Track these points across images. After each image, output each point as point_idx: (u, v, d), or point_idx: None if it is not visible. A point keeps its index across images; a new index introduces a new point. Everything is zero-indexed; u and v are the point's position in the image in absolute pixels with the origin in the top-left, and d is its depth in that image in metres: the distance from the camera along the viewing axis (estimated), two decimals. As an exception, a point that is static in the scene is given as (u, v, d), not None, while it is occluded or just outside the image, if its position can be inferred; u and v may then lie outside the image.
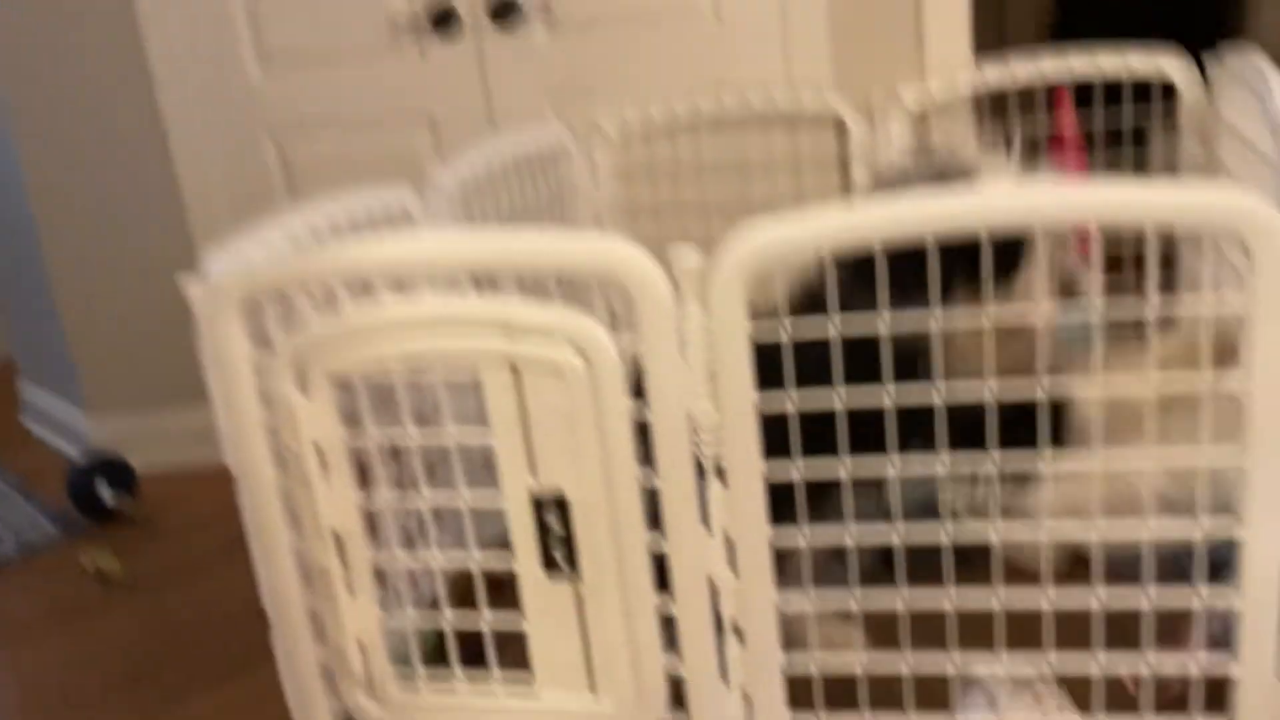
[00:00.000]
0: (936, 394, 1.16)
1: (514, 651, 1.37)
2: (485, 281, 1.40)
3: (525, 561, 1.33)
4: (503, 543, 1.33)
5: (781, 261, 1.19)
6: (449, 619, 1.40)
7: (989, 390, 1.12)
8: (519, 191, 2.19)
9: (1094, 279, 1.26)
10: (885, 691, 1.31)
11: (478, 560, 1.37)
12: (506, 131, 2.39)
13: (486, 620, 1.37)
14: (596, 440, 1.27)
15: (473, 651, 1.39)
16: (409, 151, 2.59)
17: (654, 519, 1.28)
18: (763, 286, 1.20)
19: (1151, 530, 1.15)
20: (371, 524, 1.39)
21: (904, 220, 1.15)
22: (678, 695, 1.33)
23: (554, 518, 1.31)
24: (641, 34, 2.43)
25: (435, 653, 1.43)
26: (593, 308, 1.26)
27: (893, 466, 1.21)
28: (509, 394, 1.28)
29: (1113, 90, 2.18)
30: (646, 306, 1.21)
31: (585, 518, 1.30)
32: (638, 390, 1.21)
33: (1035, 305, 1.21)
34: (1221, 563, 1.14)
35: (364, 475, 1.38)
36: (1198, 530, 1.13)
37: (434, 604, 1.45)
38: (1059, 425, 1.19)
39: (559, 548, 1.32)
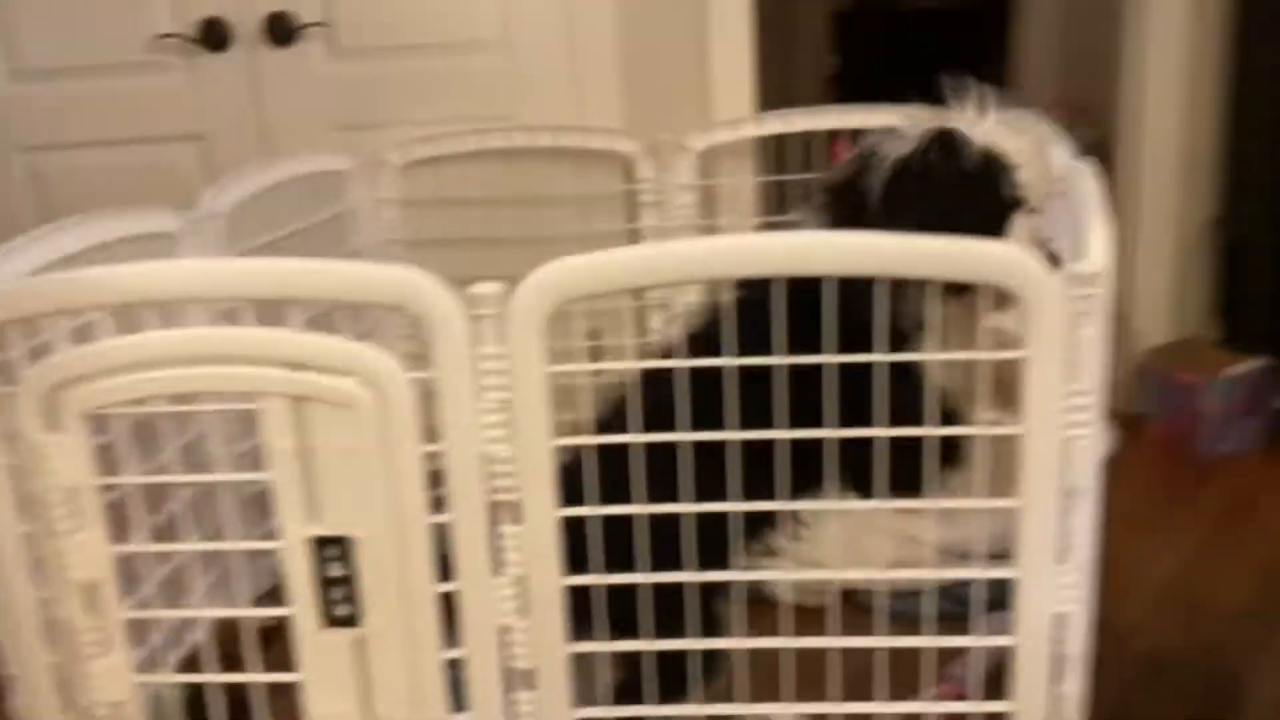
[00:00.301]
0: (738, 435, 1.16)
1: (284, 707, 1.28)
2: (265, 313, 1.32)
3: (302, 609, 1.25)
4: (274, 591, 1.24)
5: (579, 297, 1.17)
6: (210, 675, 1.29)
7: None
8: (295, 218, 2.09)
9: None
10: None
11: (246, 610, 1.27)
12: (283, 155, 2.28)
13: (254, 674, 1.27)
14: (385, 478, 1.21)
15: (239, 710, 1.29)
16: (175, 172, 2.45)
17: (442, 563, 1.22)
18: (558, 323, 1.17)
19: (934, 574, 1.20)
20: (129, 573, 1.27)
21: (696, 260, 1.16)
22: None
23: (336, 561, 1.24)
24: (429, 64, 2.39)
25: (194, 713, 1.31)
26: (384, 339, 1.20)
27: (690, 503, 1.20)
28: (290, 430, 1.20)
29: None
30: (443, 340, 1.16)
31: (371, 560, 1.23)
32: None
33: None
34: (999, 601, 1.19)
35: (120, 521, 1.26)
36: (977, 573, 1.18)
37: (193, 660, 1.33)
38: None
39: (341, 593, 1.24)
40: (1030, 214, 1.28)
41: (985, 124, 1.28)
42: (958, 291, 1.22)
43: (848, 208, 1.38)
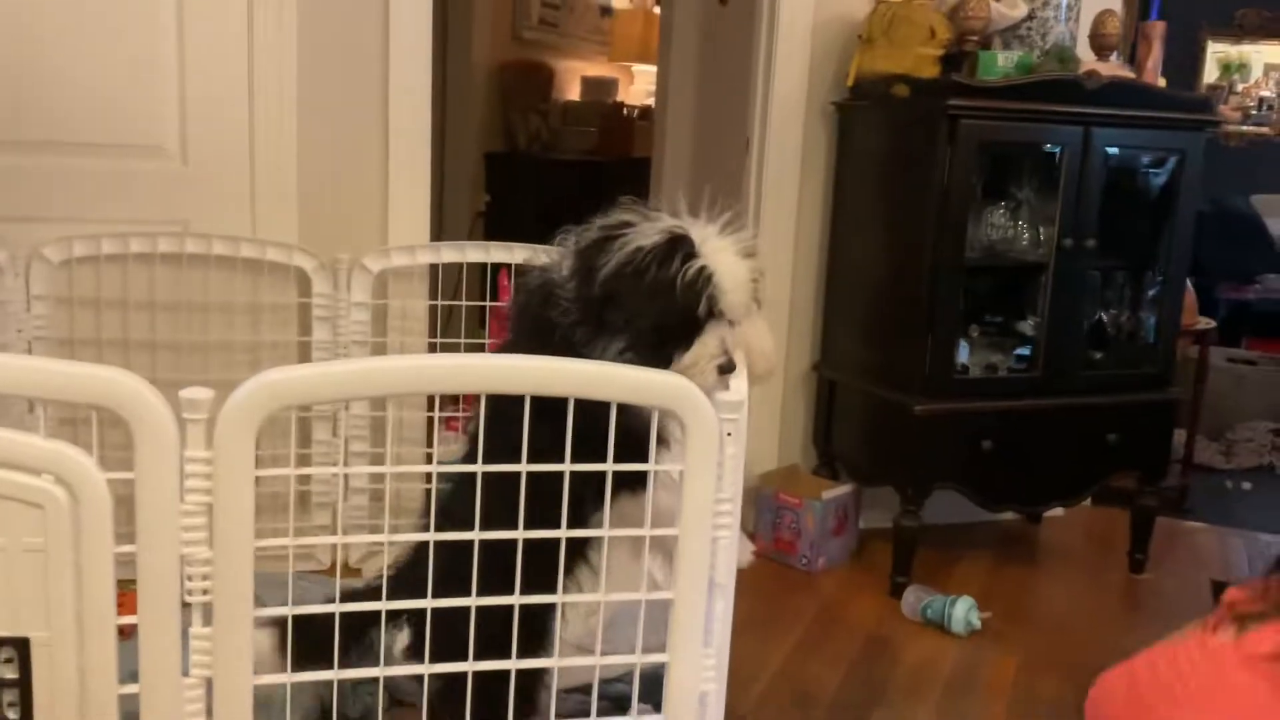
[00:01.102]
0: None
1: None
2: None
3: (-36, 718, 1.19)
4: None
5: (292, 406, 1.25)
6: None
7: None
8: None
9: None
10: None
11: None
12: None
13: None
14: (73, 578, 1.20)
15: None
16: None
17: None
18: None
19: (603, 660, 1.36)
20: None
21: (406, 376, 1.28)
22: None
23: (9, 665, 1.20)
24: (98, 163, 2.34)
25: None
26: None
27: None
28: (-29, 528, 1.17)
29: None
30: (148, 442, 1.19)
31: (49, 664, 1.20)
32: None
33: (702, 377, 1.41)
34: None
35: None
36: (637, 658, 1.36)
37: None
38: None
39: (11, 699, 1.20)
40: (725, 325, 1.46)
41: (715, 239, 1.45)
42: None
43: (545, 329, 1.53)
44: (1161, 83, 2.83)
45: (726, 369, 1.45)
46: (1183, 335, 3.33)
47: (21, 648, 1.19)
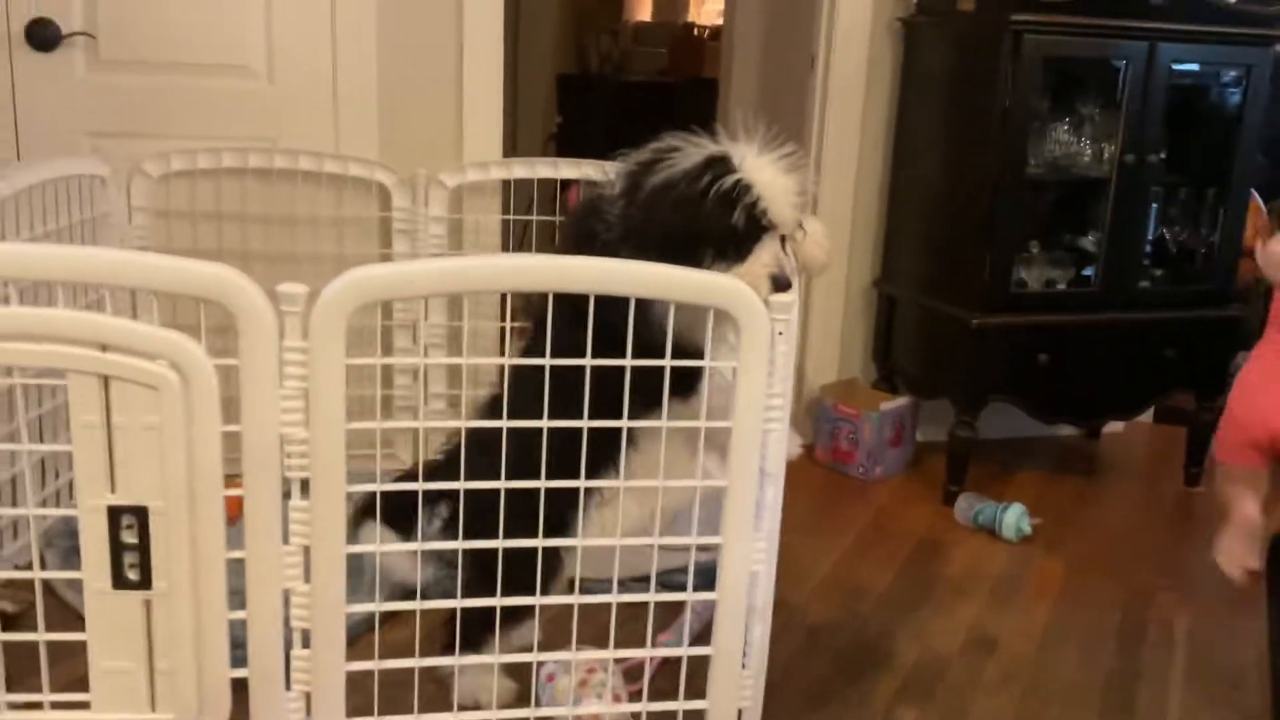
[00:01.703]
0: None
1: (66, 670, 1.37)
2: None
3: (93, 575, 1.35)
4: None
5: (378, 301, 1.37)
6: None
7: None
8: (48, 220, 2.12)
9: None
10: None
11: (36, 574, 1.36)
12: (37, 158, 2.29)
13: (40, 636, 1.36)
14: (184, 454, 1.34)
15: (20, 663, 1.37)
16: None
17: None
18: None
19: (665, 541, 1.49)
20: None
21: (480, 274, 1.39)
22: (238, 699, 1.41)
23: (130, 530, 1.35)
24: (191, 81, 2.47)
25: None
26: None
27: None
28: (95, 406, 1.32)
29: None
30: (251, 332, 1.32)
31: (165, 530, 1.35)
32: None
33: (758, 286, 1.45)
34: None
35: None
36: (693, 539, 1.48)
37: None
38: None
39: (133, 560, 1.36)
40: (777, 239, 1.51)
41: (754, 157, 1.50)
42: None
43: (588, 239, 1.63)
44: (1233, -3, 2.79)
45: (781, 284, 1.49)
46: (1249, 255, 3.31)
47: (141, 516, 1.34)
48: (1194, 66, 2.72)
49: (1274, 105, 2.86)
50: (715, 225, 1.47)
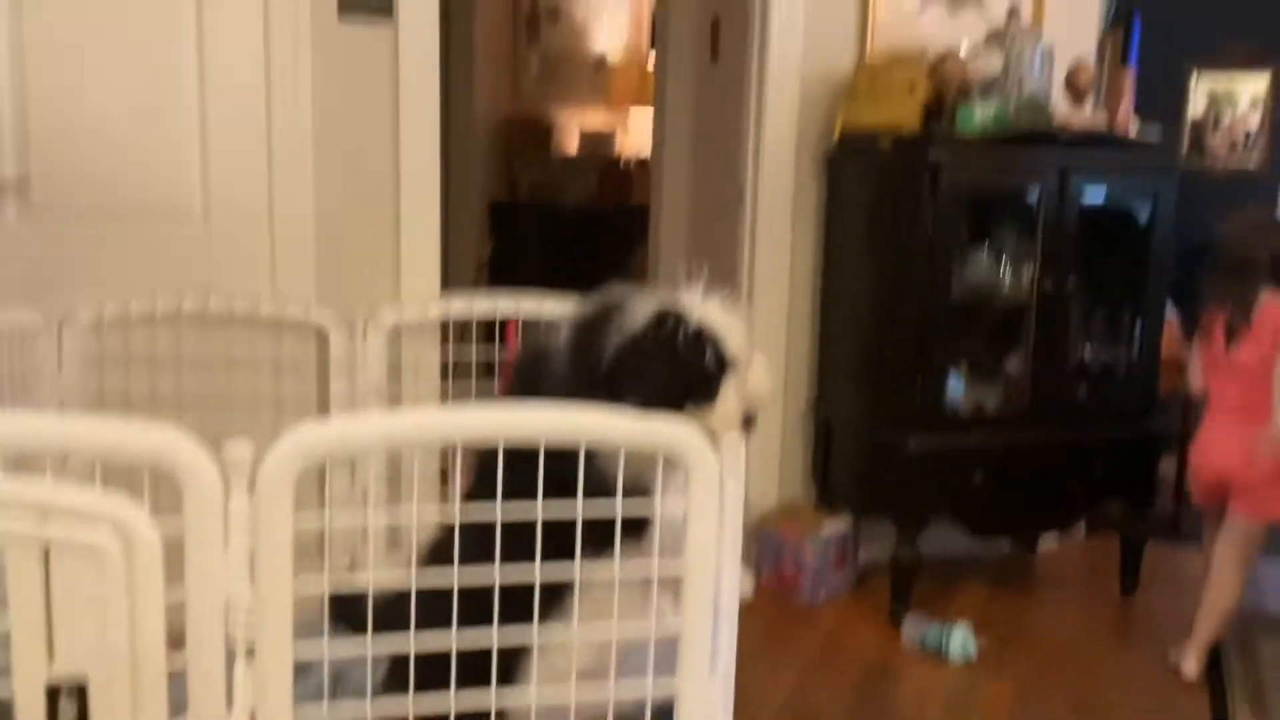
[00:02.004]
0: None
1: None
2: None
3: (28, 754, 1.29)
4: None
5: (326, 458, 1.36)
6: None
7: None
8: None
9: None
10: None
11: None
12: (-35, 307, 2.26)
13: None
14: (127, 624, 1.30)
15: None
16: None
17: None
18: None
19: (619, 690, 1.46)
20: None
21: (430, 427, 1.39)
22: None
23: (70, 706, 1.30)
24: (126, 226, 2.46)
25: None
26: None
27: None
28: (35, 577, 1.28)
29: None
30: (195, 494, 1.30)
31: (106, 705, 1.31)
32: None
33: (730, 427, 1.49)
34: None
35: None
36: (647, 686, 1.46)
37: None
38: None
39: (71, 737, 1.30)
40: (735, 376, 1.53)
41: (701, 302, 1.52)
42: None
43: (536, 384, 1.64)
44: (1134, 127, 2.96)
45: (750, 420, 1.54)
46: (1169, 367, 3.44)
47: (80, 688, 1.29)
48: (1103, 195, 2.87)
49: (1181, 218, 3.00)
50: (691, 374, 1.50)
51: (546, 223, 5.22)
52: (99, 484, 1.31)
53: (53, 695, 1.29)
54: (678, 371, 1.50)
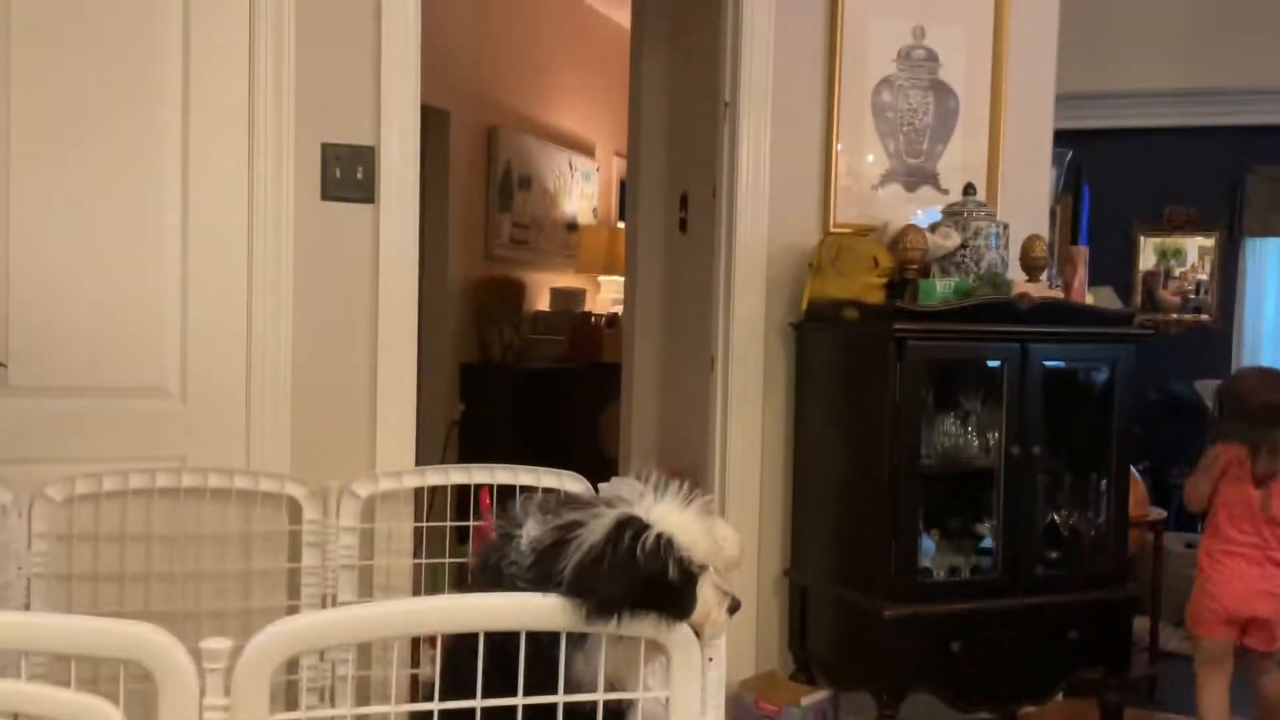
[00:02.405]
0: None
1: None
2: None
3: None
4: None
5: (305, 652, 1.35)
6: None
7: None
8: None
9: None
10: None
11: None
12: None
13: None
14: (95, 827, 1.26)
15: None
16: None
17: None
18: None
19: None
20: None
21: (409, 619, 1.39)
22: None
23: None
24: (103, 403, 2.48)
25: None
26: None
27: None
28: (2, 783, 1.25)
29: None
30: (173, 691, 1.28)
31: None
32: None
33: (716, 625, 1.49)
34: None
35: None
36: None
37: None
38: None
39: None
40: (710, 576, 1.51)
41: (658, 506, 1.50)
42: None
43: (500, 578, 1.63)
44: (1089, 298, 3.08)
45: (733, 608, 1.53)
46: (1135, 526, 3.48)
47: None
48: (1064, 363, 2.95)
49: (1138, 373, 3.09)
50: (655, 586, 1.47)
51: (518, 382, 5.28)
52: (71, 679, 1.30)
53: None
54: (638, 583, 1.47)
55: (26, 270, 2.44)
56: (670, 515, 1.51)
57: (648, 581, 1.44)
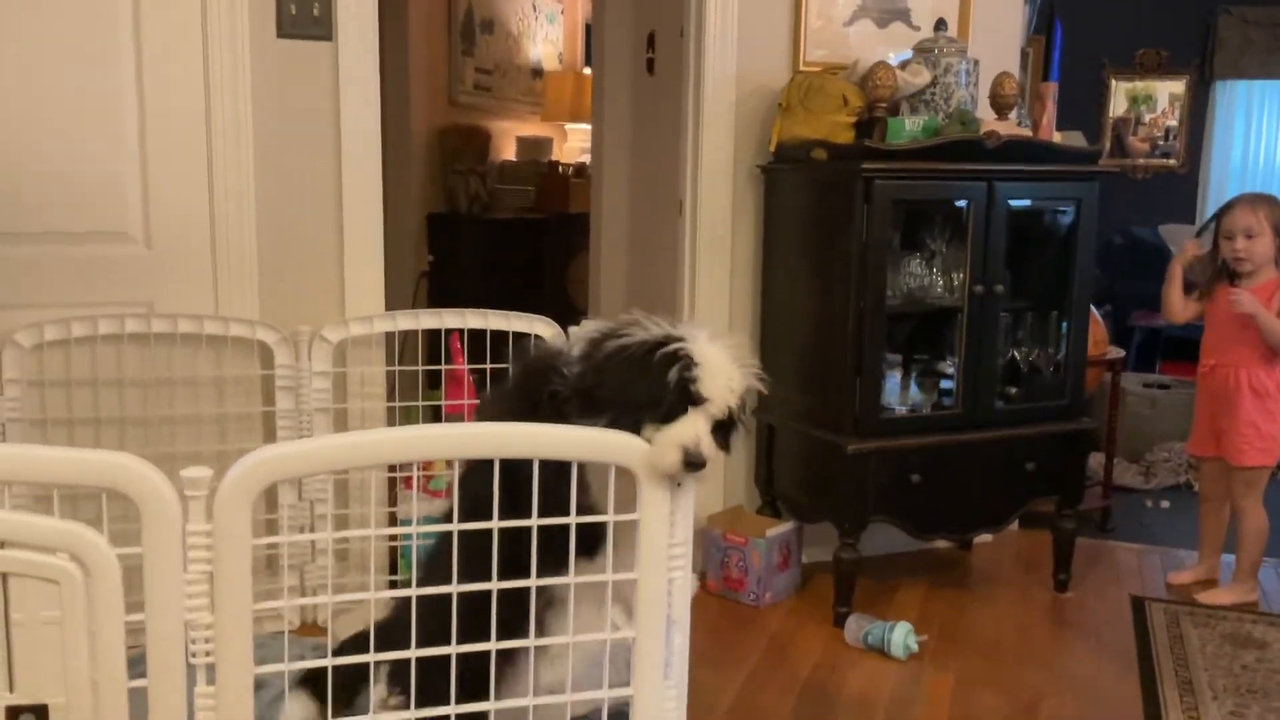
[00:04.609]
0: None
1: None
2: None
3: (-12, 781, 1.30)
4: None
5: (284, 479, 1.38)
6: None
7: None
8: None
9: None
10: None
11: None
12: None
13: None
14: (87, 648, 1.31)
15: None
16: None
17: None
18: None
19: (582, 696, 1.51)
20: None
21: (387, 447, 1.42)
22: None
23: (30, 730, 1.31)
24: (67, 249, 2.45)
25: None
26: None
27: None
28: (-8, 605, 1.28)
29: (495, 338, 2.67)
30: (154, 518, 1.31)
31: (67, 727, 1.32)
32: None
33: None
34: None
35: None
36: (605, 693, 1.51)
37: None
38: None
39: (33, 762, 1.31)
40: (703, 417, 1.49)
41: (705, 340, 1.52)
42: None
43: (533, 396, 1.66)
44: (1057, 137, 3.08)
45: (692, 463, 1.45)
46: (1094, 364, 3.57)
47: (41, 714, 1.30)
48: (1029, 202, 2.97)
49: (1105, 216, 3.13)
50: (649, 388, 1.50)
51: (486, 232, 5.24)
52: (55, 511, 1.33)
53: (13, 718, 1.30)
54: (639, 382, 1.51)
55: (-22, 116, 2.38)
56: (708, 349, 1.52)
57: (652, 383, 1.48)
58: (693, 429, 1.48)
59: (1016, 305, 3.03)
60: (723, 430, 1.55)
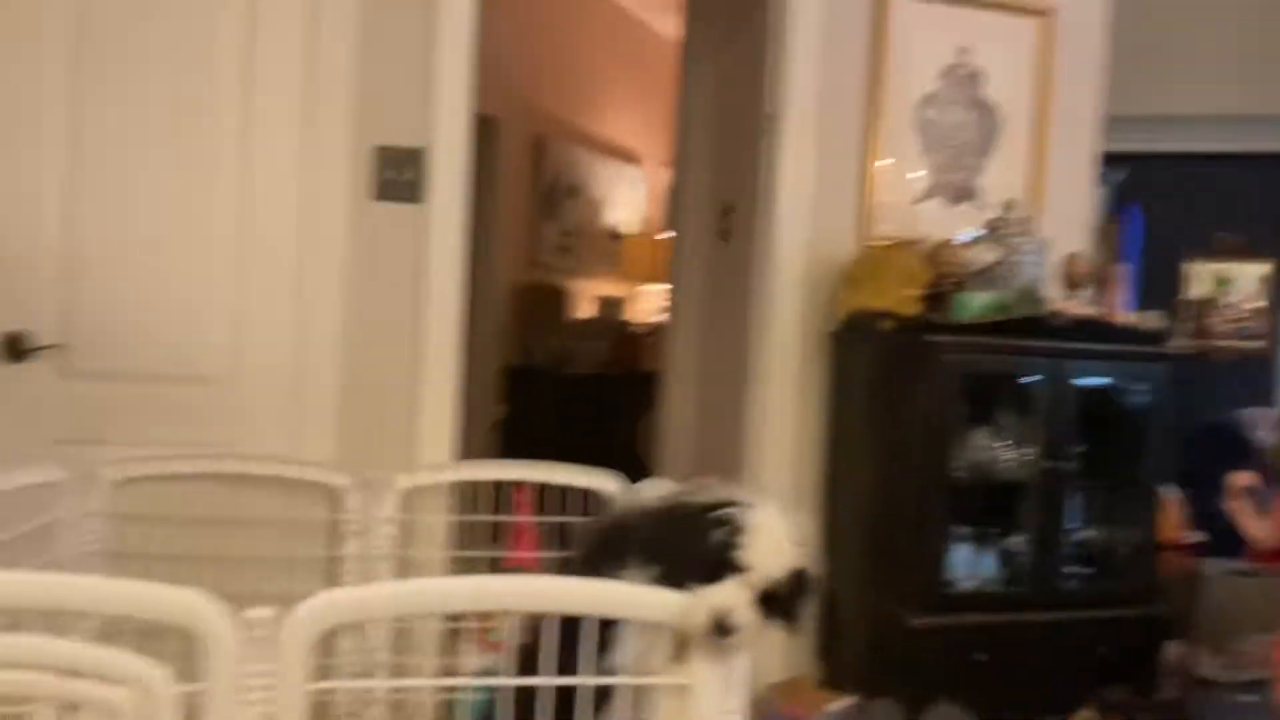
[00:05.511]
0: None
1: None
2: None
3: None
4: None
5: (345, 624, 1.41)
6: None
7: None
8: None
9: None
10: None
11: None
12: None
13: None
14: (143, 783, 1.33)
15: None
16: None
17: None
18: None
19: None
20: None
21: (445, 596, 1.45)
22: None
23: None
24: (157, 389, 2.57)
25: None
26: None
27: None
28: (55, 735, 1.31)
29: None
30: (218, 656, 1.35)
31: None
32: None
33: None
34: None
35: None
36: None
37: None
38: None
39: None
40: (744, 586, 1.47)
41: (764, 507, 1.52)
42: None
43: (606, 548, 1.69)
44: (1131, 316, 3.09)
45: (723, 629, 1.44)
46: (1171, 548, 3.47)
47: None
48: (1099, 379, 2.96)
49: (1185, 400, 3.09)
50: (694, 547, 1.50)
51: (559, 387, 5.34)
52: (121, 644, 1.37)
53: None
54: (684, 541, 1.52)
55: (95, 261, 2.55)
56: (762, 518, 1.52)
57: (698, 546, 1.49)
58: (729, 594, 1.47)
59: (1088, 483, 2.99)
60: (778, 603, 1.54)
